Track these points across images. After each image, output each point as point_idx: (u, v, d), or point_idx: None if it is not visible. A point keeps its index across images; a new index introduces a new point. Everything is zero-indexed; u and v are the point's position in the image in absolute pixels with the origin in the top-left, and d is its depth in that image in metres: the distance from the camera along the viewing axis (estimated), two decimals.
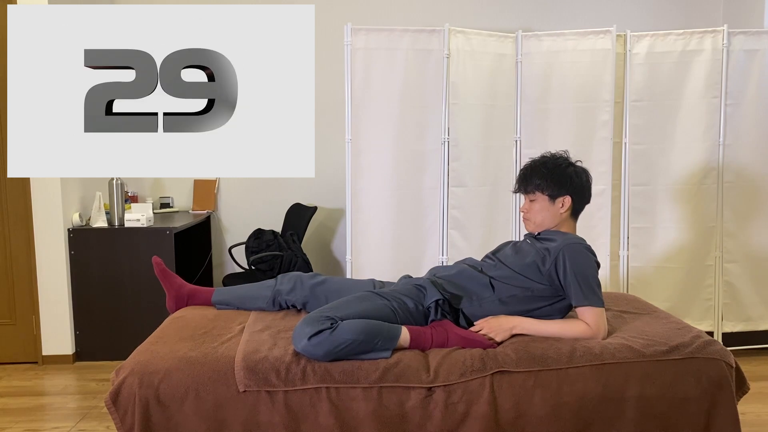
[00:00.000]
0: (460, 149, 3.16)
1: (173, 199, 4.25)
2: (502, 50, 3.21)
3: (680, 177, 3.25)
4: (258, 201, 4.22)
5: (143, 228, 3.42)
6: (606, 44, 3.16)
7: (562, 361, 1.85)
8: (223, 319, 2.20)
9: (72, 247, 3.37)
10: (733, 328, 3.34)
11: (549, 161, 2.18)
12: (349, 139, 3.09)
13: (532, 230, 2.22)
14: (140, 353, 1.91)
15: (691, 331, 2.02)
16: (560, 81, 3.21)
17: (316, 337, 1.80)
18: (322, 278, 2.31)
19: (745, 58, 3.21)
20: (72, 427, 2.65)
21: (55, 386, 3.13)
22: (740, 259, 3.32)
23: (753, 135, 3.25)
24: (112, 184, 3.45)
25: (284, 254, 3.57)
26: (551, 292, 2.08)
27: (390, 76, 3.09)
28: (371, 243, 3.18)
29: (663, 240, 3.28)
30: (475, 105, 3.18)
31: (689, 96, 3.21)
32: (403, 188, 3.17)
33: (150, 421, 1.77)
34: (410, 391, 1.79)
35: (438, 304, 2.06)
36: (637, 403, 1.82)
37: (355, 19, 3.16)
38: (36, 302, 3.38)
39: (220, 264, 4.29)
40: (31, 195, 3.31)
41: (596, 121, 3.20)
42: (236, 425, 1.76)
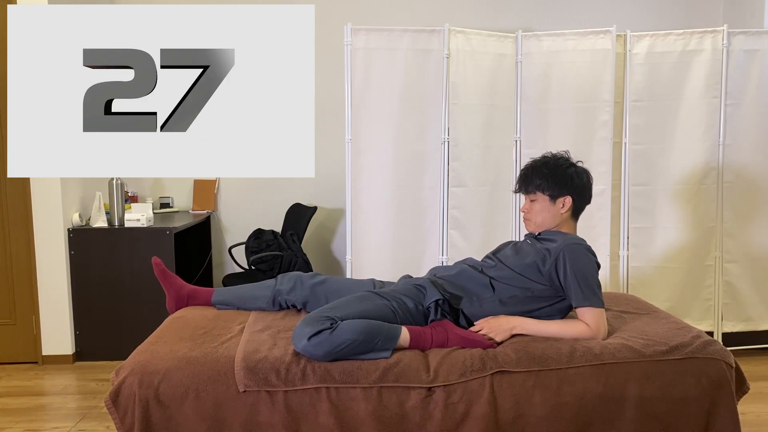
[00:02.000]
0: (460, 149, 3.16)
1: (173, 199, 4.25)
2: (502, 50, 3.21)
3: (680, 177, 3.25)
4: (258, 201, 4.22)
5: (143, 228, 3.43)
6: (606, 44, 3.16)
7: (562, 361, 1.85)
8: (223, 319, 2.20)
9: (72, 247, 3.37)
10: (733, 328, 3.34)
11: (550, 161, 2.18)
12: (349, 139, 3.09)
13: (533, 230, 2.22)
14: (140, 353, 1.91)
15: (691, 331, 2.02)
16: (560, 81, 3.21)
17: (316, 337, 1.80)
18: (322, 278, 2.31)
19: (745, 58, 3.21)
20: (72, 427, 2.65)
21: (55, 386, 3.13)
22: (740, 259, 3.32)
23: (753, 135, 3.25)
24: (112, 184, 3.45)
25: (284, 254, 3.57)
26: (551, 292, 2.08)
27: (390, 76, 3.09)
28: (371, 243, 3.18)
29: (663, 240, 3.28)
30: (475, 105, 3.18)
31: (689, 96, 3.21)
32: (403, 188, 3.17)
33: (150, 421, 1.77)
34: (410, 391, 1.79)
35: (438, 304, 2.05)
36: (637, 403, 1.82)
37: (355, 19, 3.16)
38: (36, 302, 3.38)
39: (220, 264, 4.29)
40: (31, 195, 3.31)
41: (596, 121, 3.20)
42: (236, 425, 1.76)
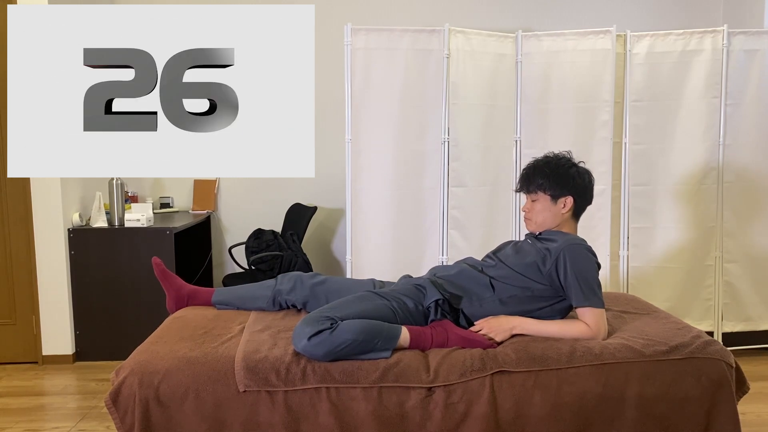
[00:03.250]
0: (460, 149, 3.16)
1: (173, 199, 4.25)
2: (502, 50, 3.21)
3: (680, 177, 3.25)
4: (258, 201, 4.22)
5: (143, 228, 3.42)
6: (606, 44, 3.16)
7: (561, 361, 1.85)
8: (223, 319, 2.20)
9: (72, 247, 3.37)
10: (733, 328, 3.34)
11: (552, 161, 2.18)
12: (349, 139, 3.09)
13: (533, 230, 2.22)
14: (140, 353, 1.91)
15: (691, 331, 2.02)
16: (560, 81, 3.21)
17: (316, 337, 1.80)
18: (323, 278, 2.31)
19: (745, 58, 3.21)
20: (72, 427, 2.65)
21: (55, 386, 3.13)
22: (740, 259, 3.32)
23: (753, 135, 3.25)
24: (112, 184, 3.45)
25: (284, 254, 3.57)
26: (551, 292, 2.08)
27: (390, 76, 3.09)
28: (371, 243, 3.18)
29: (663, 240, 3.28)
30: (475, 105, 3.18)
31: (689, 96, 3.21)
32: (403, 188, 3.17)
33: (150, 421, 1.77)
34: (410, 391, 1.79)
35: (438, 304, 2.05)
36: (637, 403, 1.82)
37: (355, 19, 3.16)
38: (36, 302, 3.38)
39: (220, 264, 4.29)
40: (31, 195, 3.31)
41: (596, 121, 3.20)
42: (236, 425, 1.76)
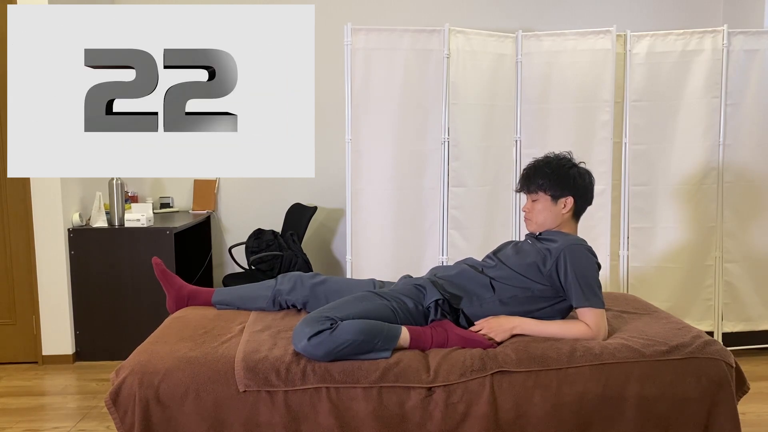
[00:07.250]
0: (460, 149, 3.16)
1: (173, 199, 4.25)
2: (502, 50, 3.21)
3: (680, 177, 3.25)
4: (258, 201, 4.22)
5: (143, 228, 3.42)
6: (606, 44, 3.16)
7: (562, 361, 1.85)
8: (223, 319, 2.20)
9: (72, 247, 3.37)
10: (733, 328, 3.34)
11: (553, 161, 2.18)
12: (349, 139, 3.09)
13: (534, 230, 2.22)
14: (140, 353, 1.91)
15: (691, 331, 2.02)
16: (560, 81, 3.21)
17: (316, 337, 1.80)
18: (323, 278, 2.31)
19: (745, 58, 3.21)
20: (72, 427, 2.65)
21: (55, 386, 3.13)
22: (740, 259, 3.32)
23: (753, 135, 3.25)
24: (112, 184, 3.45)
25: (284, 254, 3.57)
26: (552, 292, 2.08)
27: (390, 76, 3.09)
28: (371, 243, 3.18)
29: (663, 240, 3.28)
30: (475, 105, 3.18)
31: (689, 96, 3.21)
32: (403, 188, 3.17)
33: (150, 421, 1.77)
34: (410, 391, 1.79)
35: (438, 304, 2.05)
36: (637, 403, 1.82)
37: (355, 19, 3.16)
38: (36, 302, 3.38)
39: (220, 264, 4.29)
40: (31, 195, 3.31)
41: (596, 121, 3.20)
42: (236, 425, 1.77)
